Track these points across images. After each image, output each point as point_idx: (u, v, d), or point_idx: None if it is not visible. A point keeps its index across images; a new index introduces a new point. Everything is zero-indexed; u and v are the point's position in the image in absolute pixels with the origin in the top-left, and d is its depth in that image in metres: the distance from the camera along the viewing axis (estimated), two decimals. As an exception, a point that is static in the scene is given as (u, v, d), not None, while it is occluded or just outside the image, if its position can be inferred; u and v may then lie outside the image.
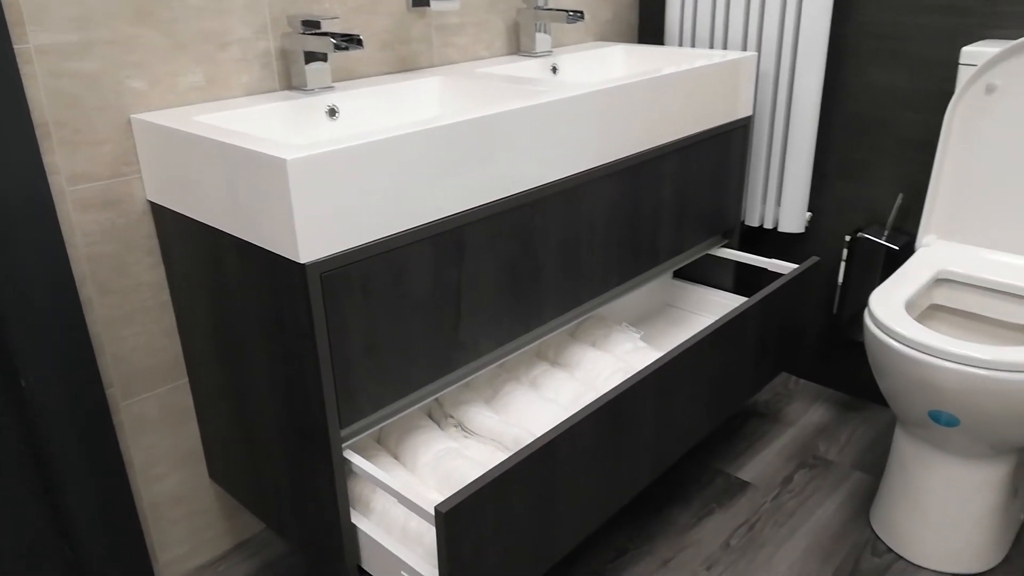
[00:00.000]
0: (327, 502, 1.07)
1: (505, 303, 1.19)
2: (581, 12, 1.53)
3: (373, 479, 1.01)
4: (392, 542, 1.04)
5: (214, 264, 1.07)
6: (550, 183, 1.19)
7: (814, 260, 1.61)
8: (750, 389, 1.52)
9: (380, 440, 1.26)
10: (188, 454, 1.31)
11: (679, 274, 1.88)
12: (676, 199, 1.49)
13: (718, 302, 1.79)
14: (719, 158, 1.57)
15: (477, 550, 0.96)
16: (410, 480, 1.16)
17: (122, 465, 1.22)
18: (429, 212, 1.02)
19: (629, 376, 1.24)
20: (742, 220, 1.82)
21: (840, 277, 1.72)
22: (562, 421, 1.06)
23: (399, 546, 1.04)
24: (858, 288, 1.69)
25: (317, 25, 1.21)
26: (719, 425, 1.76)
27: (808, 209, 1.79)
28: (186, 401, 1.28)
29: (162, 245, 1.18)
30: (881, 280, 1.65)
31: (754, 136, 1.73)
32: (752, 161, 1.75)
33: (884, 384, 1.27)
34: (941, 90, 1.53)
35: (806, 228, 1.81)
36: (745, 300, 1.45)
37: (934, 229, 1.49)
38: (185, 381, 1.27)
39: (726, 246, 1.74)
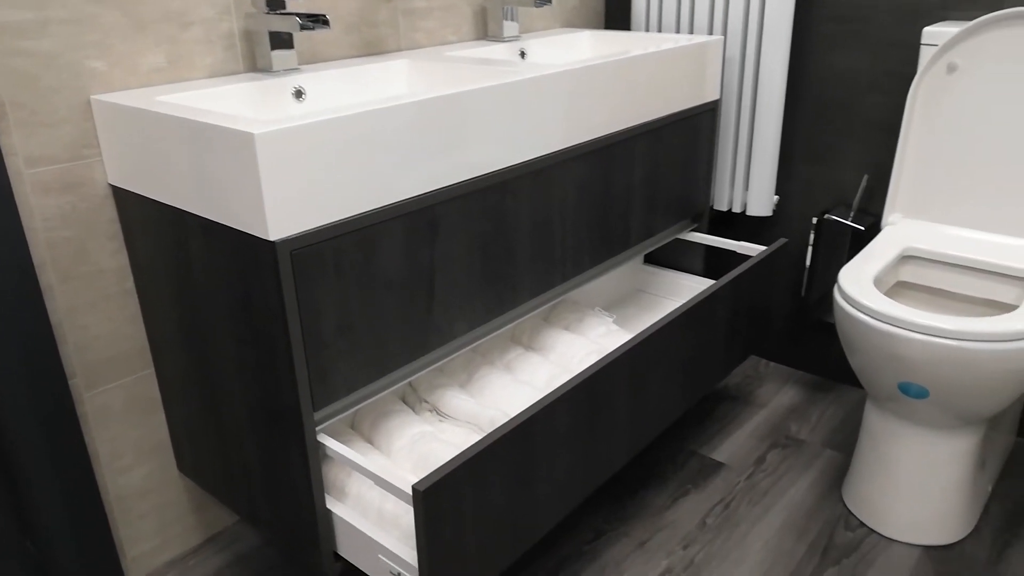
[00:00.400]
0: (301, 488, 1.05)
1: (479, 285, 1.18)
2: (549, -4, 1.52)
3: (348, 462, 0.99)
4: (368, 526, 1.03)
5: (179, 247, 1.05)
6: (521, 164, 1.18)
7: (782, 241, 1.63)
8: (722, 370, 1.53)
9: (353, 426, 1.24)
10: (155, 446, 1.28)
11: (650, 259, 1.89)
12: (646, 183, 1.50)
13: (689, 286, 1.80)
14: (687, 142, 1.58)
15: (456, 530, 0.95)
16: (386, 464, 1.14)
17: (87, 458, 1.18)
18: (400, 191, 1.01)
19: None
20: (711, 205, 1.83)
21: (808, 260, 1.74)
22: (538, 400, 1.05)
23: (376, 529, 1.02)
24: (825, 270, 1.71)
25: (282, 5, 1.19)
26: (692, 407, 1.77)
27: (775, 193, 1.81)
28: (152, 392, 1.25)
29: (125, 230, 1.15)
30: (848, 261, 1.67)
31: (721, 121, 1.74)
32: (720, 145, 1.77)
33: (855, 360, 1.28)
34: (904, 72, 1.56)
35: (774, 212, 1.83)
36: (715, 282, 1.46)
37: (899, 208, 1.51)
38: (151, 371, 1.24)
39: (695, 230, 1.75)
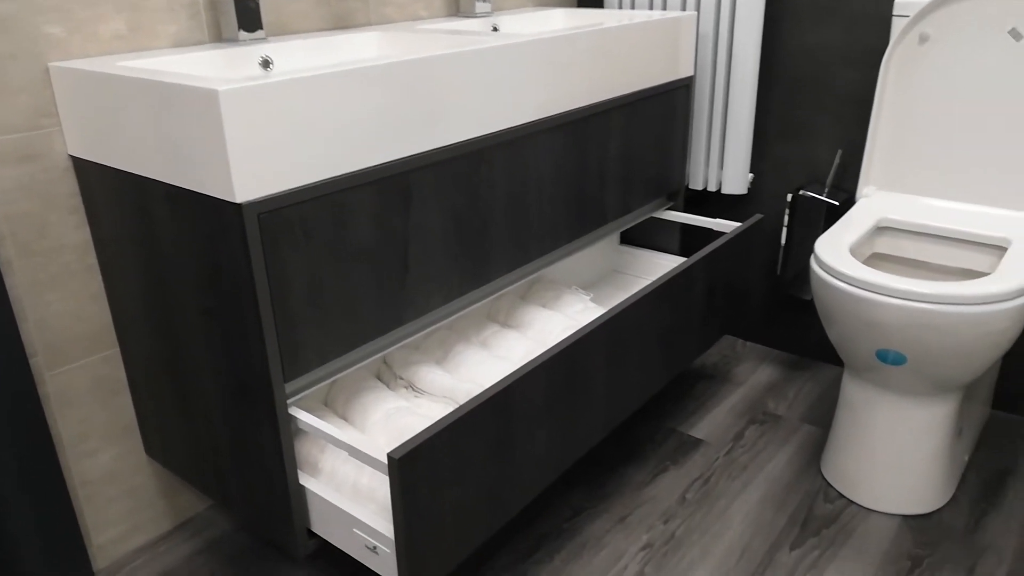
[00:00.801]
0: (273, 464, 1.02)
1: (454, 257, 1.16)
2: (520, -30, 1.51)
3: (321, 433, 0.97)
4: (343, 500, 1.00)
5: (143, 217, 1.01)
6: (495, 133, 1.17)
7: (757, 217, 1.63)
8: (698, 346, 1.52)
9: (327, 402, 1.21)
10: (122, 429, 1.24)
11: (626, 240, 1.88)
12: (621, 158, 1.48)
13: (665, 266, 1.80)
14: (662, 117, 1.57)
15: (432, 500, 0.93)
16: (360, 437, 1.12)
17: (50, 440, 1.14)
18: (371, 156, 0.99)
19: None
20: (686, 184, 1.83)
21: (783, 237, 1.74)
22: (515, 371, 1.03)
23: (351, 504, 1.00)
24: (800, 246, 1.71)
25: (247, -28, 1.16)
26: (669, 382, 1.77)
27: (750, 171, 1.81)
28: (118, 372, 1.22)
29: (87, 203, 1.11)
30: (823, 236, 1.67)
31: (696, 99, 1.74)
32: (694, 124, 1.76)
33: (832, 330, 1.28)
34: (876, 46, 1.56)
35: (749, 189, 1.83)
36: (690, 257, 1.45)
37: (873, 180, 1.51)
38: (116, 351, 1.20)
39: (671, 208, 1.74)
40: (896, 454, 1.32)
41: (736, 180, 1.75)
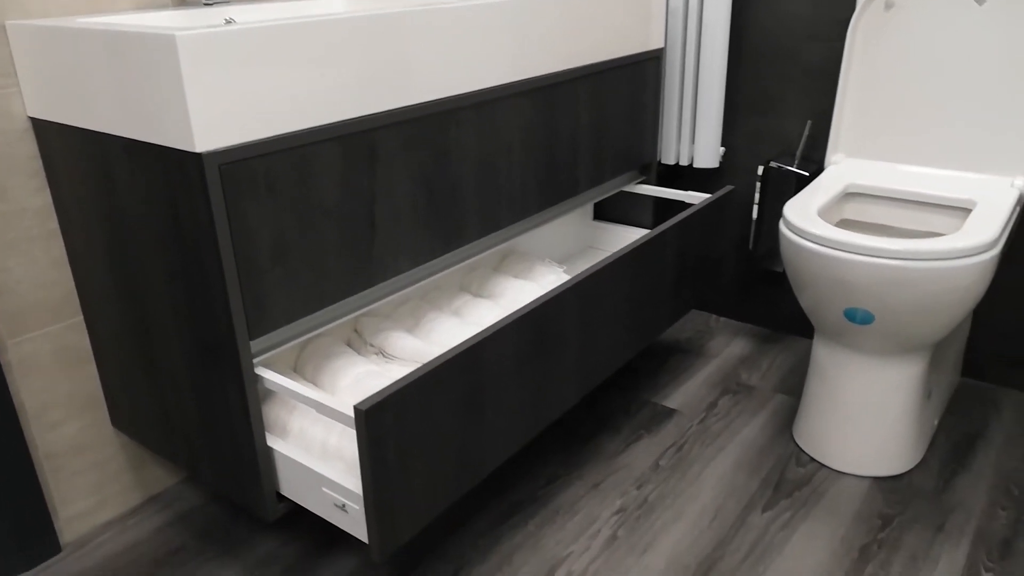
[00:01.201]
0: (240, 426, 1.01)
1: (423, 219, 1.15)
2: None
3: (287, 391, 0.96)
4: (311, 460, 0.99)
5: (104, 176, 1.00)
6: (464, 94, 1.16)
7: (728, 188, 1.63)
8: (670, 316, 1.52)
9: (296, 369, 1.20)
10: (88, 399, 1.22)
11: (600, 215, 1.88)
12: (592, 128, 1.48)
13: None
14: (633, 89, 1.57)
15: (400, 454, 0.92)
16: (328, 396, 1.11)
17: (12, 410, 1.13)
18: (336, 111, 0.98)
19: (552, 292, 1.22)
20: (659, 159, 1.83)
21: (755, 211, 1.75)
22: (484, 329, 1.03)
23: (319, 463, 0.99)
24: (773, 219, 1.72)
25: (210, -67, 1.15)
26: (643, 357, 1.77)
27: (722, 144, 1.82)
28: (82, 341, 1.20)
29: (47, 166, 1.09)
30: (794, 207, 1.68)
31: (667, 73, 1.74)
32: (666, 98, 1.76)
33: (802, 293, 1.28)
34: (843, 17, 1.57)
35: (720, 163, 1.84)
36: (662, 225, 1.45)
37: (842, 148, 1.53)
38: (80, 319, 1.19)
39: (643, 183, 1.75)
40: (866, 416, 1.33)
41: (708, 154, 1.76)
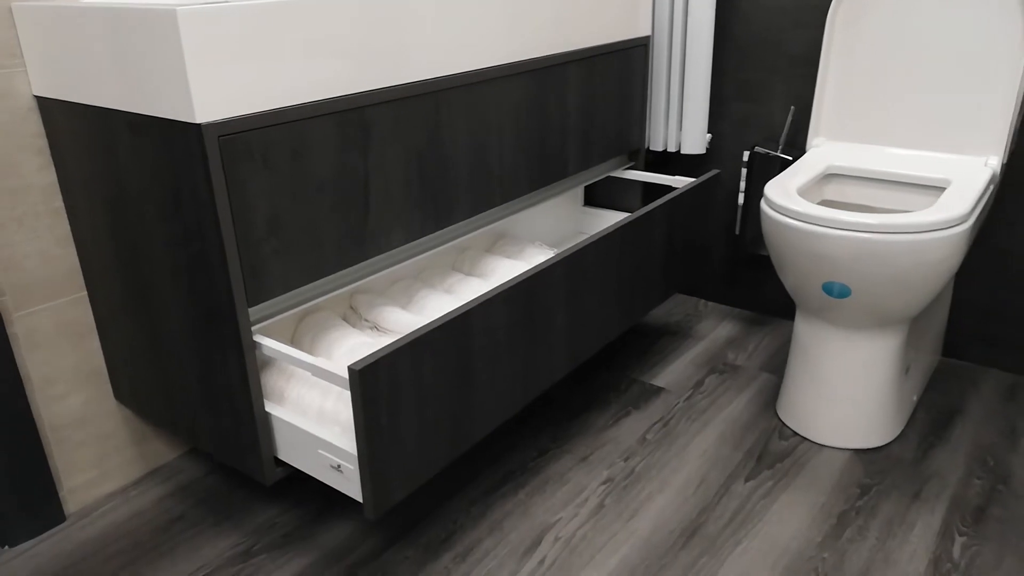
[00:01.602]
0: (239, 392, 1.05)
1: (415, 197, 1.19)
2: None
3: (284, 356, 1.00)
4: (308, 423, 1.03)
5: (108, 151, 1.04)
6: (455, 75, 1.20)
7: (714, 172, 1.68)
8: (658, 296, 1.56)
9: (294, 341, 1.24)
10: (91, 373, 1.26)
11: (590, 201, 1.92)
12: (581, 112, 1.52)
13: (627, 224, 1.84)
14: (621, 75, 1.62)
15: (393, 415, 0.96)
16: (323, 360, 1.15)
17: (19, 381, 1.16)
18: (331, 87, 1.02)
19: (540, 267, 1.26)
20: (647, 146, 1.87)
21: (741, 197, 1.79)
22: (475, 298, 1.07)
23: (315, 426, 1.03)
24: (758, 204, 1.76)
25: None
26: (632, 338, 1.81)
27: (708, 131, 1.86)
28: (86, 317, 1.23)
29: (52, 145, 1.13)
30: (778, 191, 1.72)
31: (654, 61, 1.78)
32: (654, 85, 1.81)
33: (784, 271, 1.33)
34: (825, 5, 1.62)
35: (707, 149, 1.88)
36: (649, 205, 1.49)
37: (823, 131, 1.57)
38: (84, 295, 1.22)
39: (632, 168, 1.79)
40: (845, 390, 1.38)
41: (695, 140, 1.80)
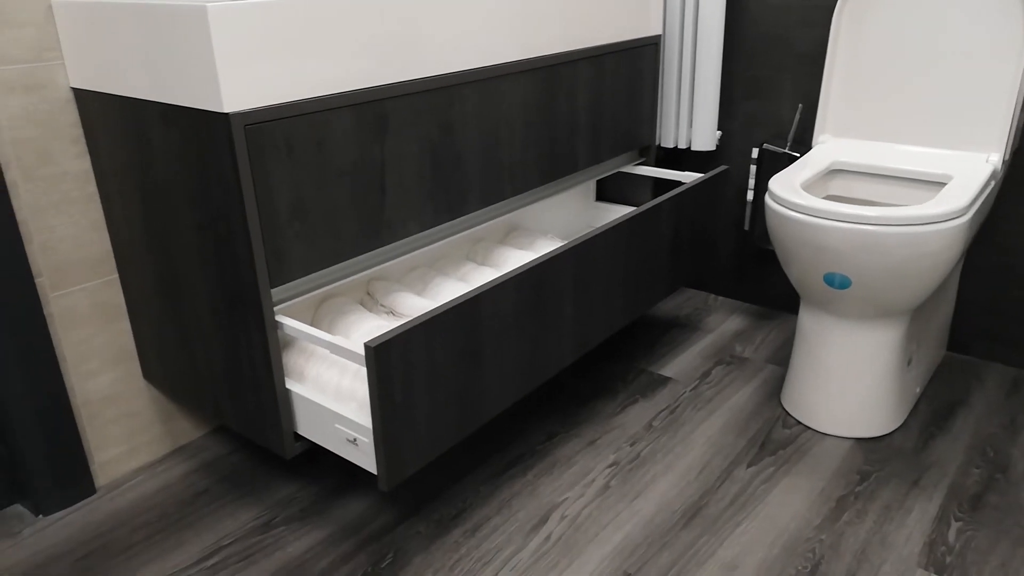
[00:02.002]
0: (261, 370, 1.11)
1: (429, 187, 1.24)
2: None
3: (304, 335, 1.06)
4: (326, 399, 1.09)
5: (140, 140, 1.10)
6: (469, 71, 1.25)
7: (722, 168, 1.72)
8: (665, 288, 1.61)
9: (313, 324, 1.30)
10: (121, 353, 1.32)
11: (602, 197, 1.97)
12: (592, 109, 1.57)
13: (638, 219, 1.88)
14: (632, 73, 1.66)
15: (406, 392, 1.01)
16: (340, 338, 1.20)
17: (54, 358, 1.23)
18: (350, 80, 1.07)
19: (550, 256, 1.31)
20: (658, 143, 1.92)
21: (750, 193, 1.83)
22: (485, 283, 1.12)
23: (333, 402, 1.08)
24: (766, 199, 1.80)
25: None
26: (641, 330, 1.86)
27: (718, 128, 1.90)
28: (117, 299, 1.30)
29: (87, 134, 1.19)
30: (786, 187, 1.76)
31: (665, 59, 1.83)
32: (664, 83, 1.85)
33: (787, 263, 1.36)
34: (832, 4, 1.65)
35: (717, 147, 1.92)
36: (659, 198, 1.54)
37: (828, 128, 1.61)
38: (115, 278, 1.29)
39: (642, 164, 1.83)
40: (847, 379, 1.41)
41: (705, 138, 1.84)
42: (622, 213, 1.90)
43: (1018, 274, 1.61)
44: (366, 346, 0.95)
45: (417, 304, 1.31)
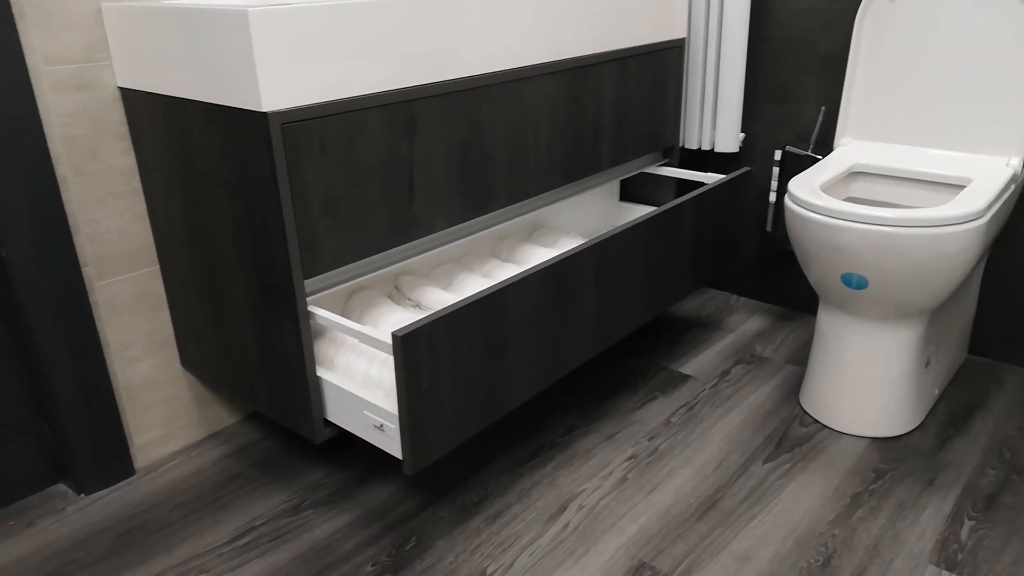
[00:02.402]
0: (294, 357, 1.16)
1: (457, 184, 1.29)
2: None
3: (335, 324, 1.10)
4: (355, 387, 1.13)
5: (182, 137, 1.16)
6: (497, 72, 1.29)
7: (745, 169, 1.74)
8: (686, 287, 1.63)
9: (343, 316, 1.35)
10: (161, 341, 1.39)
11: (626, 197, 2.00)
12: (616, 110, 1.61)
13: (661, 219, 1.91)
14: (655, 75, 1.69)
15: (432, 380, 1.06)
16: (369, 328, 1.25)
17: (98, 343, 1.29)
18: (381, 82, 1.12)
19: (572, 253, 1.34)
20: (682, 144, 1.94)
21: (772, 195, 1.85)
22: (508, 277, 1.16)
23: (361, 389, 1.13)
24: (788, 200, 1.82)
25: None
26: (662, 329, 1.88)
27: (742, 130, 1.92)
28: (158, 289, 1.36)
29: (133, 132, 1.26)
30: (808, 189, 1.78)
31: (690, 62, 1.85)
32: (689, 86, 1.88)
33: (806, 263, 1.39)
34: (855, 8, 1.67)
35: (741, 148, 1.94)
36: (681, 197, 1.57)
37: (850, 131, 1.62)
38: (157, 269, 1.35)
39: (665, 164, 1.86)
40: (865, 379, 1.43)
41: (728, 139, 1.87)
42: (644, 212, 1.93)
43: (1040, 278, 1.62)
44: (393, 335, 1.00)
45: (443, 298, 1.36)
